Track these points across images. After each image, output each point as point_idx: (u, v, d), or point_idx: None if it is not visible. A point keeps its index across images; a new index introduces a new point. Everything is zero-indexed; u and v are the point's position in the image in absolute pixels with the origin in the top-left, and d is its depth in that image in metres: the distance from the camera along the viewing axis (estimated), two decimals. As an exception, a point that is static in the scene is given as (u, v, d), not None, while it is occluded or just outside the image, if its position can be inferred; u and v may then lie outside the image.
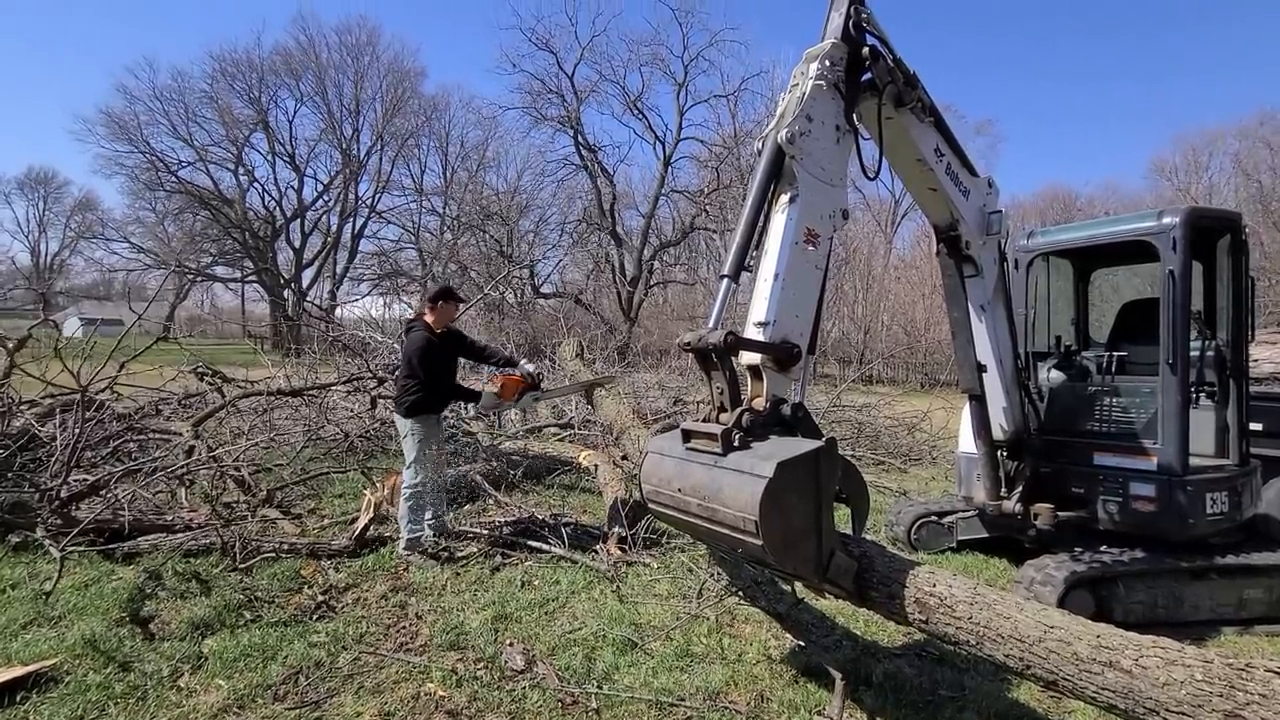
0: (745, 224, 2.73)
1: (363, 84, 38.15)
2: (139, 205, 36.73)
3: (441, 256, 39.60)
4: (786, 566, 2.41)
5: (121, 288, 48.41)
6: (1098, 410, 4.17)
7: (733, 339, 2.48)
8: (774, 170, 2.78)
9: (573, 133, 33.62)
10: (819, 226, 2.88)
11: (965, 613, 2.32)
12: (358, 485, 6.22)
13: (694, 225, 34.30)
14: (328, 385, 7.03)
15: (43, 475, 4.75)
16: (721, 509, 2.40)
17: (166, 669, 2.79)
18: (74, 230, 49.01)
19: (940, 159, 3.48)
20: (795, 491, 2.34)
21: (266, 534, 4.51)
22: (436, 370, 4.38)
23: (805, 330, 2.83)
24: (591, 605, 3.71)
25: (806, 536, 2.40)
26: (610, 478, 5.58)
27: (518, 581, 4.01)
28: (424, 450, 4.38)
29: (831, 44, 2.91)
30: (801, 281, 2.81)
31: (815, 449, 2.39)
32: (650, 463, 2.83)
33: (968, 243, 3.71)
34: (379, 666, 2.96)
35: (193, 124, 35.05)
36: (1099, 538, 4.07)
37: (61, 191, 54.94)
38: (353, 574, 4.05)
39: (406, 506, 4.32)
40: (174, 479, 4.99)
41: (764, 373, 2.69)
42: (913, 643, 3.43)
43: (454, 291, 4.76)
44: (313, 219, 39.62)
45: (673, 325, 33.79)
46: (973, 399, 3.94)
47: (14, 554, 4.00)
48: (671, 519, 2.78)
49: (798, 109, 2.82)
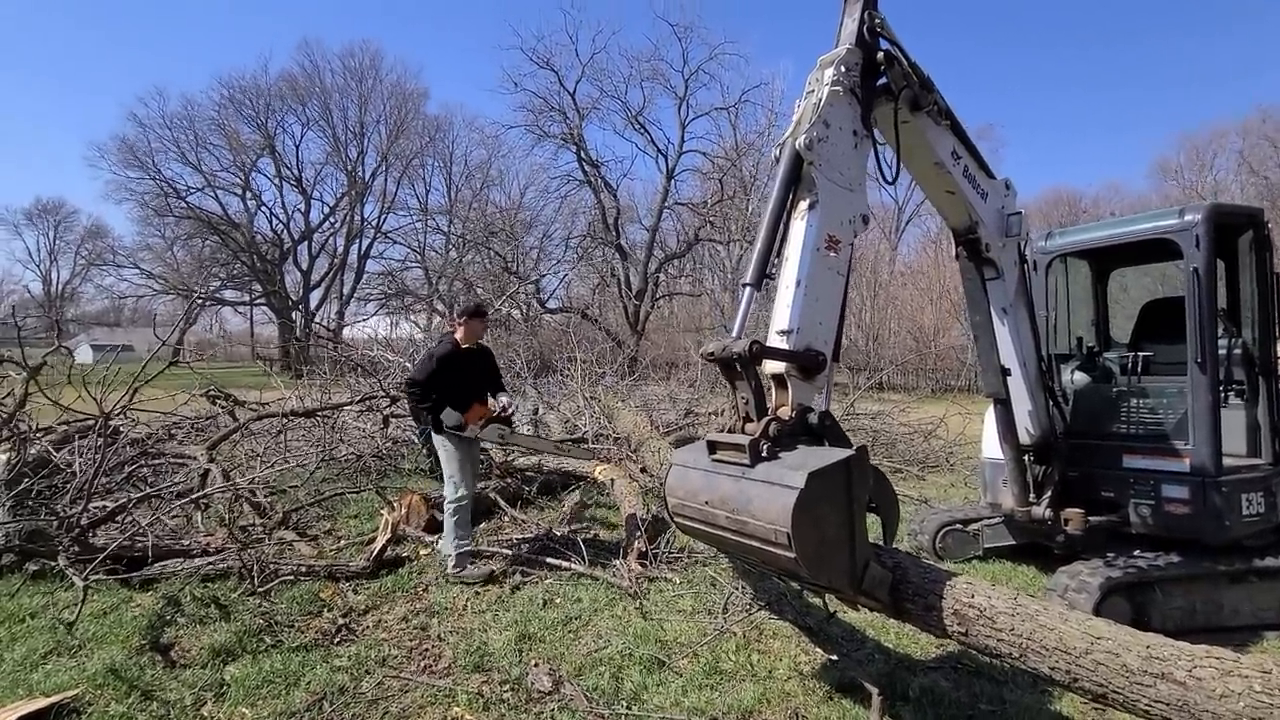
0: (766, 231, 2.70)
1: (367, 107, 38.70)
2: (148, 231, 37.26)
3: (447, 275, 39.85)
4: (820, 579, 2.35)
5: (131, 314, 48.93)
6: (1125, 412, 4.09)
7: (757, 347, 2.44)
8: (793, 177, 2.75)
9: (575, 149, 33.87)
10: (839, 232, 2.85)
11: (1006, 624, 2.25)
12: (372, 505, 6.19)
13: (698, 237, 34.38)
14: (340, 405, 7.02)
15: (60, 502, 4.74)
16: (751, 521, 2.35)
17: (189, 698, 2.74)
18: (84, 258, 49.69)
19: (957, 161, 3.46)
20: (827, 502, 2.29)
21: (284, 556, 4.47)
22: (457, 381, 4.40)
23: (829, 337, 2.79)
24: (615, 623, 3.64)
25: (840, 548, 2.35)
26: (627, 491, 5.52)
27: (539, 600, 3.94)
28: (462, 465, 4.38)
29: (846, 49, 2.89)
30: (824, 288, 2.78)
31: (846, 458, 2.34)
32: (675, 475, 2.78)
33: (987, 245, 3.66)
34: (403, 690, 2.90)
35: (202, 150, 35.66)
36: (1131, 542, 3.97)
37: (71, 220, 55.94)
38: (372, 595, 4.00)
39: (452, 523, 4.30)
40: (190, 504, 4.96)
41: (789, 381, 2.65)
42: (947, 655, 3.35)
43: (483, 308, 4.82)
44: (319, 241, 40.04)
45: (679, 337, 33.82)
46: (997, 403, 3.87)
47: (32, 582, 3.97)
48: (698, 533, 2.73)
49: (814, 115, 2.80)
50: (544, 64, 33.12)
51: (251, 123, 36.59)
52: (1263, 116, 38.06)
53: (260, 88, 36.47)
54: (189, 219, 35.86)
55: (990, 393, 3.87)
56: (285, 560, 4.34)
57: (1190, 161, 40.35)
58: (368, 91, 38.74)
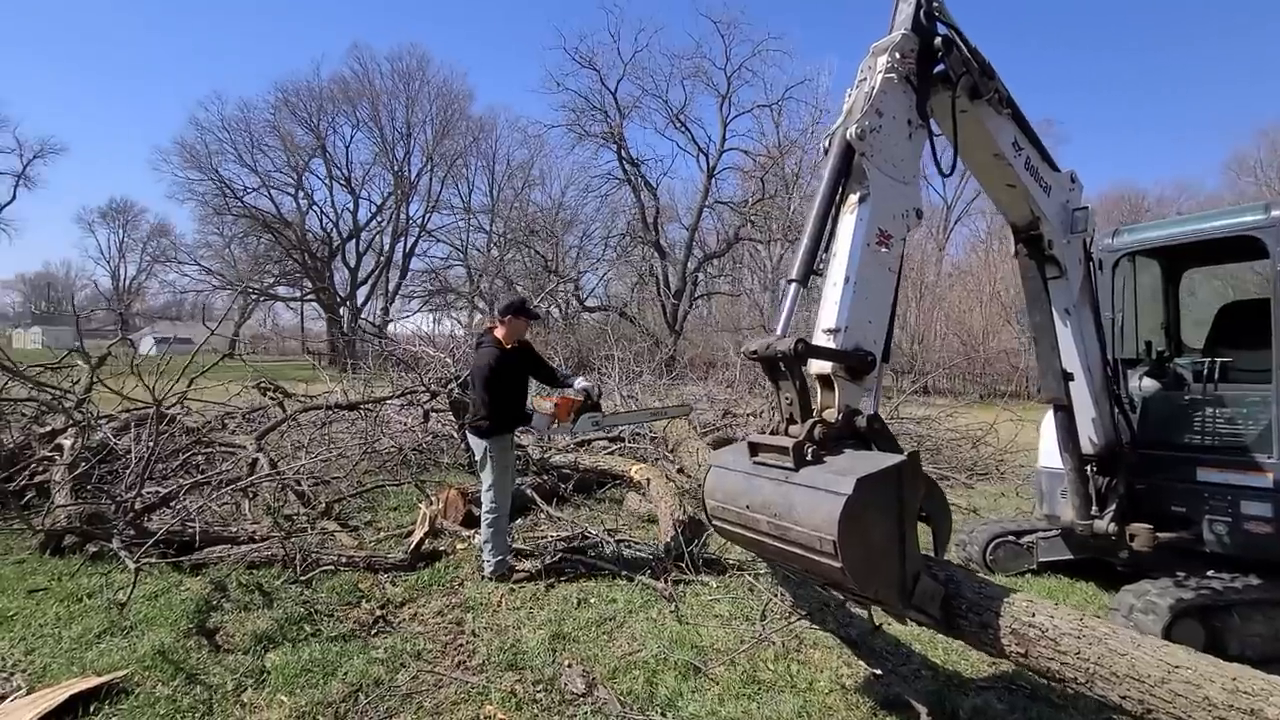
0: (813, 225, 2.58)
1: (414, 108, 39.58)
2: (208, 230, 38.93)
3: (489, 273, 40.46)
4: (867, 591, 2.23)
5: (192, 308, 51.22)
6: (1200, 422, 3.81)
7: (803, 346, 2.33)
8: (843, 169, 2.63)
9: (616, 148, 33.92)
10: (891, 227, 2.72)
11: (1072, 647, 2.10)
12: (412, 498, 6.27)
13: (739, 236, 34.02)
14: (382, 399, 7.14)
15: (118, 487, 4.94)
16: (794, 528, 2.25)
17: (231, 683, 2.79)
18: (150, 254, 52.28)
19: (1019, 153, 3.27)
20: (876, 510, 2.17)
21: (325, 546, 4.55)
22: (503, 388, 4.19)
23: (879, 337, 2.66)
24: (650, 626, 3.57)
25: (889, 559, 2.23)
26: (663, 492, 5.44)
27: (574, 599, 3.90)
28: (504, 473, 4.22)
29: (902, 34, 2.76)
30: (874, 285, 2.65)
31: (897, 464, 2.22)
32: (714, 477, 2.70)
33: (1050, 242, 3.46)
34: (437, 685, 2.89)
35: (257, 151, 37.05)
36: (1203, 561, 3.70)
37: (139, 219, 58.95)
38: (409, 588, 4.03)
39: (489, 532, 4.16)
40: (238, 492, 5.10)
41: (836, 382, 2.53)
42: (999, 674, 3.17)
43: (526, 305, 4.46)
44: (366, 239, 41.15)
45: (717, 337, 33.54)
46: (1058, 409, 3.65)
47: (91, 564, 4.14)
48: (738, 537, 2.64)
49: (866, 104, 2.67)
50: (586, 63, 33.27)
51: (304, 125, 37.86)
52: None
53: (313, 90, 37.71)
54: (245, 218, 37.31)
55: (1050, 398, 3.65)
56: (327, 550, 4.41)
57: (1270, 158, 37.94)
58: (415, 93, 39.65)
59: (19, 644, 3.09)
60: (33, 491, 5.17)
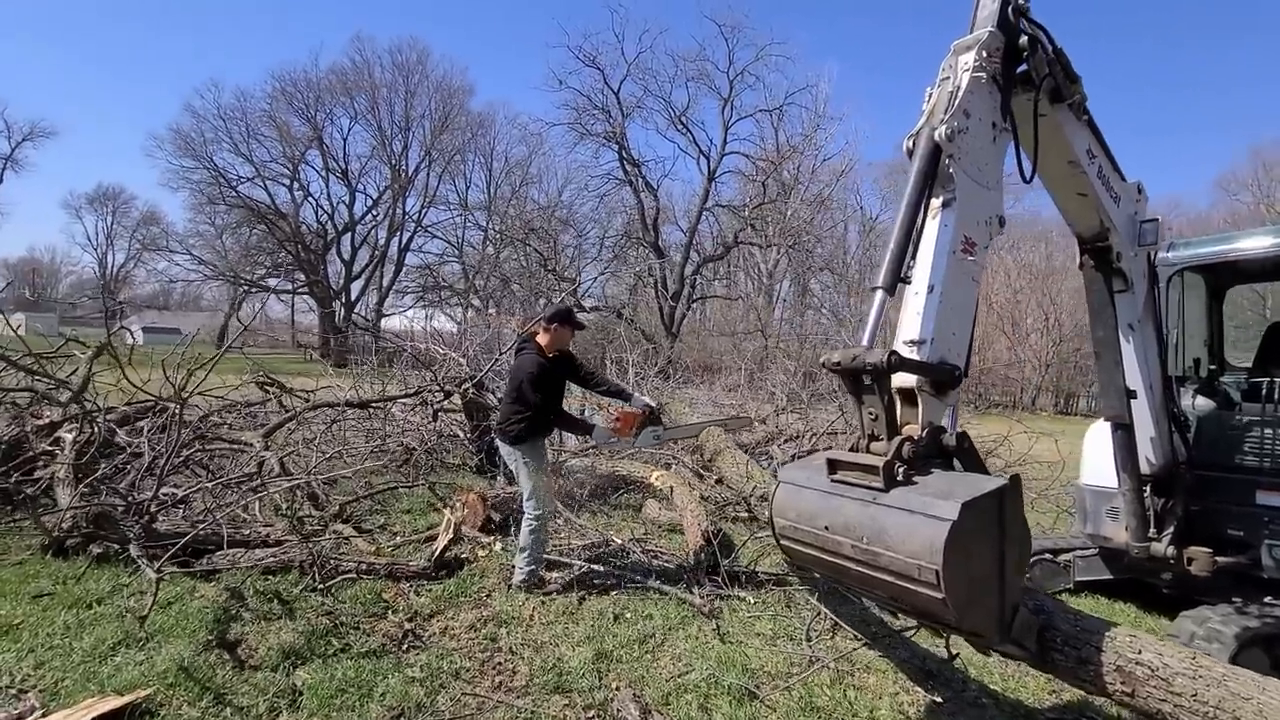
0: (901, 229, 2.43)
1: (413, 102, 39.23)
2: (199, 219, 38.32)
3: (484, 270, 40.18)
4: (966, 624, 2.08)
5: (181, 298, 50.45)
6: (1260, 442, 3.71)
7: (896, 359, 2.19)
8: (930, 171, 2.49)
9: (617, 148, 33.78)
10: (975, 234, 2.58)
11: (1186, 688, 1.97)
12: (424, 500, 6.08)
13: (738, 239, 33.97)
14: (395, 398, 6.93)
15: (121, 484, 4.71)
16: (886, 553, 2.10)
17: (263, 704, 2.60)
18: (139, 242, 51.42)
19: (1092, 161, 3.15)
20: (979, 536, 2.03)
21: (341, 551, 4.35)
22: (544, 397, 4.01)
23: (962, 350, 2.53)
24: (693, 644, 3.42)
25: (988, 589, 2.08)
26: (688, 501, 5.29)
27: (609, 614, 3.73)
28: (540, 478, 4.06)
29: (989, 33, 2.62)
30: (959, 295, 2.51)
31: (1000, 487, 2.08)
32: (785, 495, 2.54)
33: (1119, 254, 3.35)
34: (480, 709, 2.72)
35: (253, 141, 36.54)
36: (1262, 587, 3.60)
37: (128, 206, 57.95)
38: (435, 599, 3.84)
39: (530, 540, 4.01)
40: (250, 492, 4.89)
41: (919, 397, 2.39)
42: (1064, 703, 3.05)
43: (572, 314, 4.30)
44: (362, 233, 40.71)
45: (714, 341, 33.46)
46: (1118, 428, 3.54)
47: (97, 566, 3.92)
48: (812, 559, 2.48)
49: (951, 104, 2.53)
50: (590, 62, 33.13)
51: (301, 115, 37.41)
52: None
53: (310, 81, 37.27)
54: (239, 208, 36.77)
55: (1111, 416, 3.53)
56: (346, 556, 4.22)
57: (1264, 175, 38.43)
58: (414, 87, 39.29)
59: (27, 656, 2.88)
60: (30, 487, 4.93)
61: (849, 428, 10.12)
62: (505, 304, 37.93)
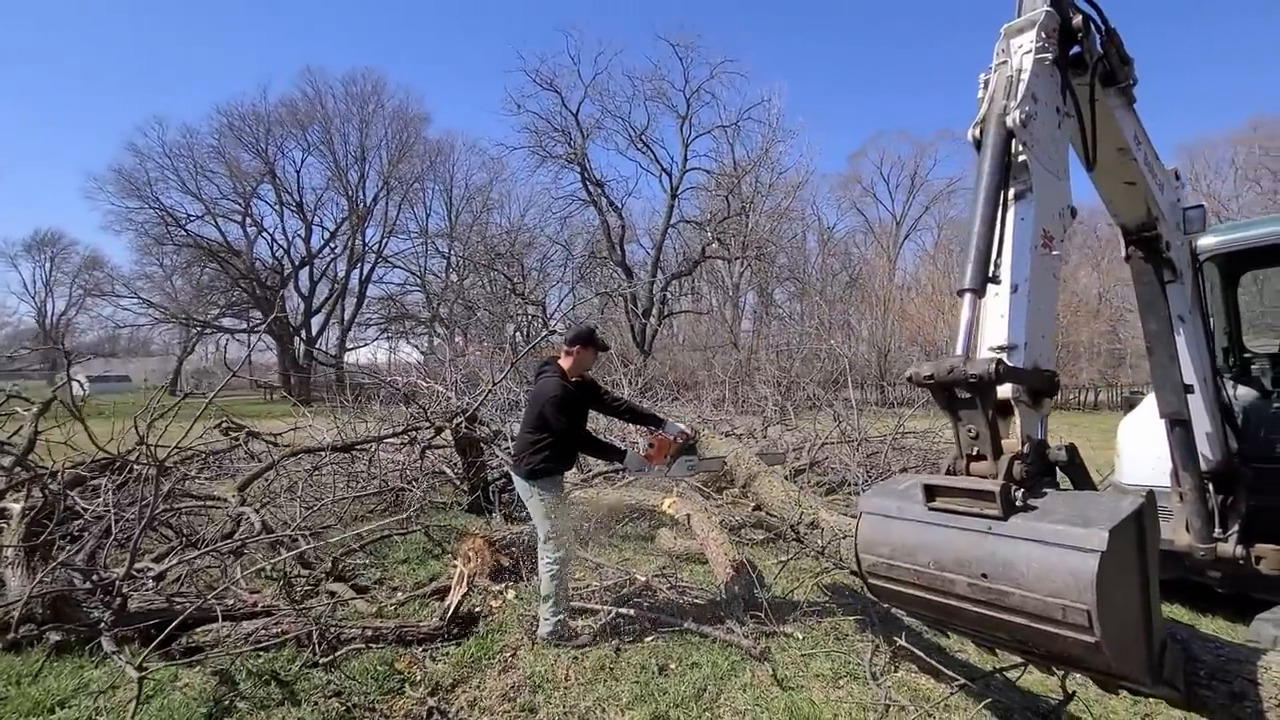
0: (983, 225, 2.19)
1: (368, 132, 38.64)
2: (147, 261, 36.76)
3: (448, 298, 39.47)
4: (1119, 668, 1.82)
5: (127, 343, 48.21)
6: (1312, 431, 3.60)
7: (1004, 368, 1.94)
8: (1005, 160, 2.28)
9: (579, 169, 33.69)
10: (1052, 227, 2.37)
11: (1369, 721, 1.73)
12: (420, 547, 5.63)
13: (705, 254, 34.12)
14: (384, 437, 6.46)
15: (77, 554, 4.16)
16: (1017, 592, 1.82)
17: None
18: (81, 288, 48.97)
19: (1139, 147, 3.00)
20: (1125, 566, 1.77)
21: (340, 617, 3.90)
22: (573, 423, 3.72)
23: (1052, 354, 2.30)
24: (753, 695, 3.09)
25: (1136, 626, 1.83)
26: (709, 528, 4.97)
27: (652, 667, 3.37)
28: (559, 517, 3.73)
29: (1045, 12, 2.44)
30: (1044, 293, 2.29)
31: (1139, 506, 1.83)
32: (872, 527, 2.26)
33: (1168, 243, 3.20)
34: (536, 802, 2.34)
35: (201, 178, 35.35)
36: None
37: (68, 251, 55.21)
38: (457, 665, 3.43)
39: (552, 586, 3.64)
40: (230, 555, 4.39)
41: (1017, 409, 2.14)
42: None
43: (595, 336, 3.96)
44: (320, 266, 39.62)
45: (685, 356, 33.35)
46: (1176, 424, 3.37)
47: (56, 658, 3.39)
48: (912, 599, 2.19)
49: (1019, 88, 2.32)
50: (547, 85, 33.15)
51: (251, 149, 36.39)
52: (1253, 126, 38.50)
53: (259, 114, 36.39)
54: (189, 247, 35.42)
55: (1169, 412, 3.36)
56: (347, 623, 3.77)
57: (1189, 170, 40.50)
58: (369, 116, 38.69)
59: (-22, 786, 2.39)
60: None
61: (843, 437, 9.97)
62: (472, 331, 37.26)
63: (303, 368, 34.43)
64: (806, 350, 23.62)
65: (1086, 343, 29.68)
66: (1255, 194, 37.08)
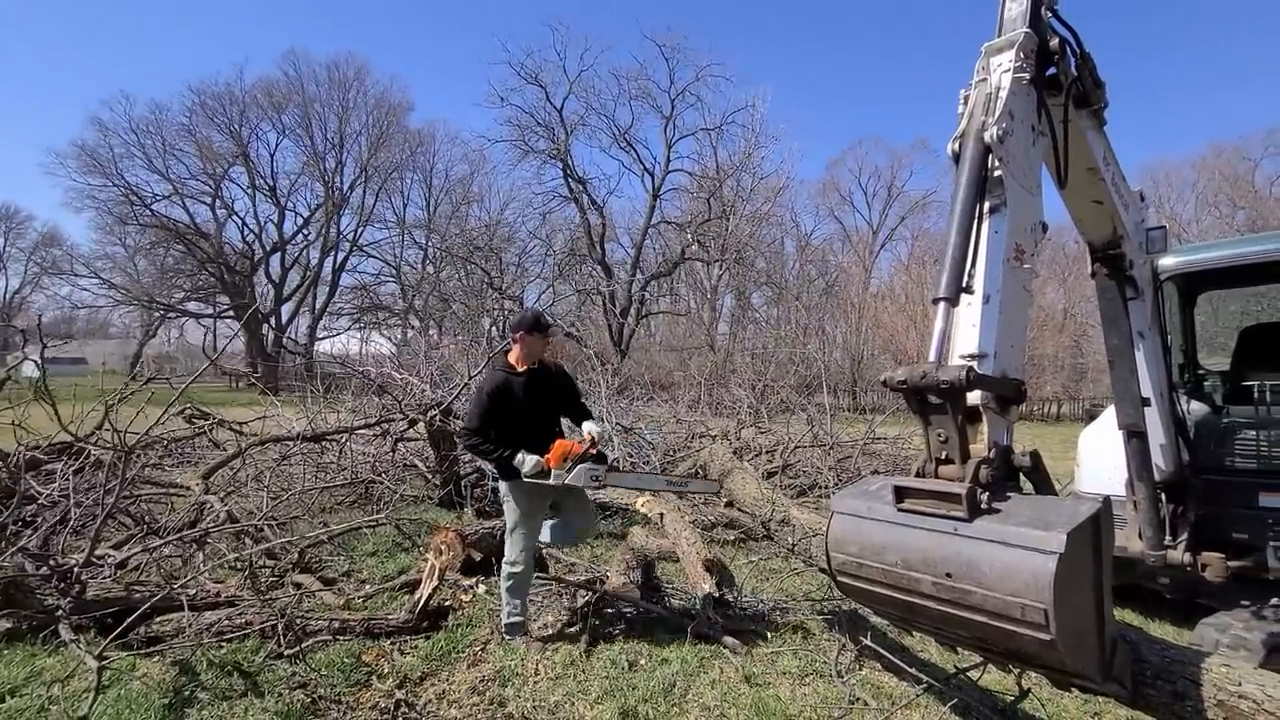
0: (958, 236, 2.27)
1: (348, 118, 37.91)
2: (108, 240, 35.53)
3: (423, 290, 38.95)
4: (1072, 665, 1.90)
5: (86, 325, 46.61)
6: (1259, 445, 3.77)
7: (974, 375, 2.01)
8: (983, 174, 2.36)
9: (561, 165, 33.57)
10: (1024, 241, 2.46)
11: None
12: (389, 540, 5.57)
13: (685, 255, 34.24)
14: (356, 428, 6.36)
15: (29, 540, 4.03)
16: (979, 591, 1.89)
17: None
18: (38, 265, 47.18)
19: (1108, 168, 3.12)
20: (1081, 568, 1.85)
21: (306, 608, 3.85)
22: (510, 419, 3.54)
23: (1021, 364, 2.38)
24: (721, 691, 3.13)
25: (1090, 626, 1.91)
26: (682, 527, 5.02)
27: (622, 662, 3.39)
28: (529, 519, 3.63)
29: (1024, 33, 2.53)
30: (1014, 305, 2.37)
31: (1096, 512, 1.91)
32: (844, 526, 2.31)
33: (1131, 261, 3.34)
34: (503, 794, 2.34)
35: (170, 157, 34.29)
36: (1267, 589, 3.63)
37: (24, 227, 53.12)
38: (425, 658, 3.40)
39: (505, 589, 3.62)
40: (192, 544, 4.30)
41: (984, 415, 2.22)
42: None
43: (540, 320, 3.74)
44: (293, 253, 38.76)
45: (662, 356, 33.45)
46: (1133, 436, 3.51)
47: (7, 646, 3.29)
48: (879, 597, 2.25)
49: (996, 106, 2.41)
50: (532, 79, 32.93)
51: (224, 130, 35.44)
52: (1215, 152, 40.09)
53: (234, 95, 35.44)
54: (154, 227, 34.34)
55: (1127, 424, 3.50)
56: (313, 614, 3.72)
57: (1151, 195, 41.95)
58: (350, 102, 37.98)
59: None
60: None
61: (816, 441, 10.12)
62: (447, 324, 36.82)
63: (271, 356, 33.63)
64: (782, 354, 23.89)
65: (1051, 356, 30.50)
66: (1214, 219, 38.54)
